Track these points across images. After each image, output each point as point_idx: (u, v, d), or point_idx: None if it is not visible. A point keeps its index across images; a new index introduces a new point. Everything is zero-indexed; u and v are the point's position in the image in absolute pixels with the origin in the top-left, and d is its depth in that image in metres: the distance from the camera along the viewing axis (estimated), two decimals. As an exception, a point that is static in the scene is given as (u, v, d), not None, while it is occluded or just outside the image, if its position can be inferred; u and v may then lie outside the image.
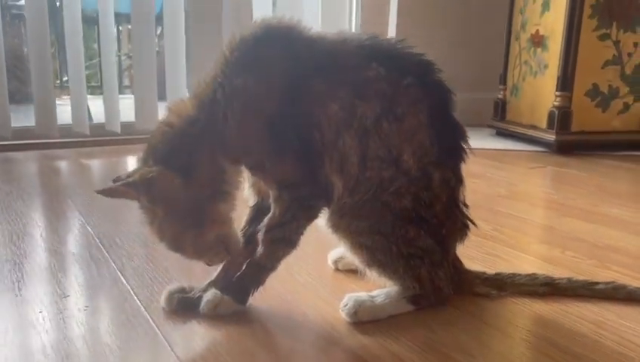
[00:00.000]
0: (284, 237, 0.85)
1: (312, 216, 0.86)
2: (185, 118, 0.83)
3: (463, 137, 0.87)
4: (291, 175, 0.83)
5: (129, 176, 0.81)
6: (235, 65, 0.82)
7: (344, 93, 0.81)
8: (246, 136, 0.82)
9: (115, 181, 0.81)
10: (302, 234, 0.86)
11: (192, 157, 0.82)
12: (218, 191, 0.84)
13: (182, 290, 0.87)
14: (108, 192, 0.81)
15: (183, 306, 0.86)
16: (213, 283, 0.88)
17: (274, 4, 2.57)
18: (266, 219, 0.86)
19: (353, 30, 2.73)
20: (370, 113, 0.81)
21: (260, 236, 0.85)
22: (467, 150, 0.87)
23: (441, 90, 0.86)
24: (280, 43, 0.83)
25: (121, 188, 0.80)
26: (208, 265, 0.88)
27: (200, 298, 0.85)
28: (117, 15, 2.46)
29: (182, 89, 2.31)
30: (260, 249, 0.85)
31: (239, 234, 0.89)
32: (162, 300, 0.87)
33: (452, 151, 0.86)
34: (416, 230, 0.83)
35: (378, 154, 0.82)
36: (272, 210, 0.85)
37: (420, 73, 0.84)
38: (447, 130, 0.85)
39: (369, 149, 0.82)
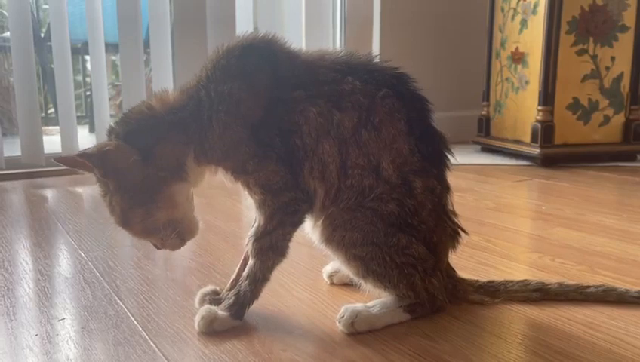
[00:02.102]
0: (271, 246, 0.86)
1: (297, 221, 0.87)
2: (166, 105, 0.85)
3: (445, 145, 0.88)
4: (275, 180, 0.84)
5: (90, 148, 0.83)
6: (220, 71, 0.84)
7: (322, 102, 0.84)
8: (229, 141, 0.84)
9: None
10: (289, 240, 0.87)
11: (158, 143, 0.83)
12: (174, 177, 0.85)
13: (214, 292, 0.91)
14: (64, 161, 0.83)
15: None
16: (234, 283, 0.91)
17: (256, 29, 2.61)
18: (252, 229, 0.87)
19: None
20: (348, 123, 0.83)
21: (248, 247, 0.87)
22: (450, 157, 0.88)
23: (418, 100, 0.88)
24: (264, 54, 0.86)
25: (77, 159, 0.81)
26: (157, 248, 0.89)
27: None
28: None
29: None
30: (250, 261, 0.87)
31: (197, 221, 0.90)
32: (196, 302, 0.91)
33: (435, 159, 0.87)
34: (408, 238, 0.84)
35: (358, 163, 0.84)
36: (257, 219, 0.87)
37: (396, 85, 0.86)
38: (427, 139, 0.87)
39: (349, 158, 0.84)
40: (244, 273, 0.88)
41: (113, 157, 0.81)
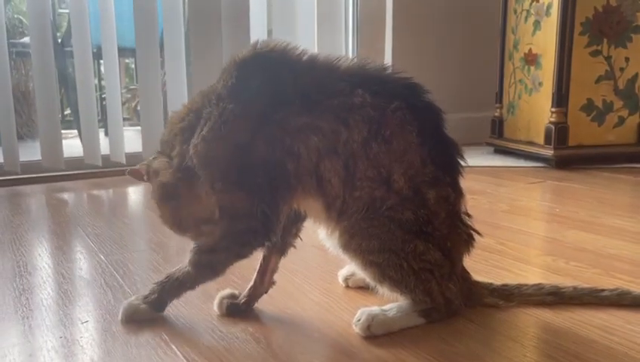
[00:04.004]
0: (210, 265, 0.90)
1: (244, 253, 0.90)
2: (181, 112, 0.92)
3: (458, 152, 0.89)
4: (239, 207, 0.87)
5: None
6: (225, 89, 0.87)
7: (327, 122, 0.84)
8: (205, 155, 0.86)
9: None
10: (229, 266, 0.90)
11: (172, 150, 0.91)
12: (190, 178, 0.89)
13: (232, 296, 0.95)
14: (134, 172, 0.96)
15: (232, 311, 0.93)
16: (251, 289, 0.95)
17: (270, 31, 2.63)
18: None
19: (350, 53, 2.80)
20: (358, 136, 0.84)
21: (190, 254, 0.91)
22: (463, 164, 0.89)
23: (431, 110, 0.88)
24: (272, 75, 0.88)
25: (137, 172, 0.95)
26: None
27: (245, 304, 0.94)
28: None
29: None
30: (186, 266, 0.91)
31: None
32: (214, 305, 0.94)
33: (448, 167, 0.88)
34: (425, 244, 0.85)
35: (367, 175, 0.84)
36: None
37: (408, 96, 0.87)
38: (440, 148, 0.87)
39: (357, 170, 0.84)
40: (174, 272, 0.91)
41: (153, 162, 0.93)
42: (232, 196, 0.87)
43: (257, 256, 0.95)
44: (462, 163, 0.89)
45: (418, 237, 0.85)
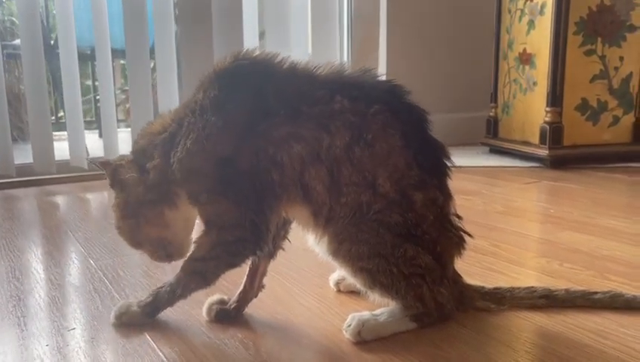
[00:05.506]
0: (201, 273, 0.89)
1: (235, 262, 0.89)
2: (162, 124, 0.90)
3: (445, 154, 0.88)
4: (226, 217, 0.86)
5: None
6: (207, 100, 0.85)
7: (309, 130, 0.83)
8: (188, 167, 0.85)
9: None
10: (220, 275, 0.90)
11: (150, 161, 0.89)
12: (165, 198, 0.89)
13: (221, 302, 0.94)
14: (96, 163, 0.95)
15: (221, 317, 0.92)
16: (241, 294, 0.94)
17: (262, 33, 2.61)
18: (193, 246, 0.90)
19: (344, 54, 2.79)
20: (340, 142, 0.83)
21: (184, 261, 0.91)
22: (450, 166, 0.88)
23: (413, 112, 0.87)
24: (252, 85, 0.86)
25: (98, 165, 0.94)
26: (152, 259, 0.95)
27: (235, 309, 0.93)
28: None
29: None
30: (178, 273, 0.90)
31: (189, 246, 0.92)
32: (203, 311, 0.93)
33: (435, 169, 0.87)
34: (414, 248, 0.84)
35: (352, 180, 0.83)
36: (200, 241, 0.89)
37: (389, 99, 0.86)
38: (426, 150, 0.86)
39: (342, 176, 0.83)
40: (170, 279, 0.91)
41: (122, 171, 0.89)
42: (218, 207, 0.86)
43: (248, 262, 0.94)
44: (449, 165, 0.88)
45: (407, 241, 0.83)
